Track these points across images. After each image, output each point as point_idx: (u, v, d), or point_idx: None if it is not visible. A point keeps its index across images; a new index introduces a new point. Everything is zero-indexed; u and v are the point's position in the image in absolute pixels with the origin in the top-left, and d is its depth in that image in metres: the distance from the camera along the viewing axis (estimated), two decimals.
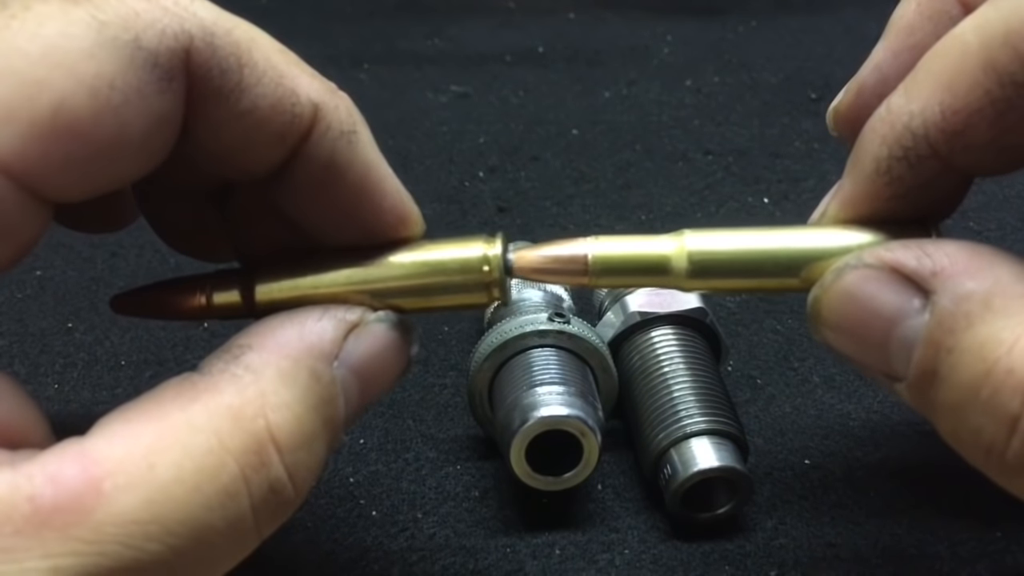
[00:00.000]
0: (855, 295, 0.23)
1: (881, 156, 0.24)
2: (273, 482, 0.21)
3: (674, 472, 0.31)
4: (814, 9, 0.81)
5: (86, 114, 0.20)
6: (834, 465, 0.35)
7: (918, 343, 0.22)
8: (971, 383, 0.21)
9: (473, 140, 0.61)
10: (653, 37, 0.77)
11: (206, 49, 0.21)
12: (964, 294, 0.21)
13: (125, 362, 0.41)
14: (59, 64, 0.19)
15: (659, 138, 0.61)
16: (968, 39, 0.23)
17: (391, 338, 0.25)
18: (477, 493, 0.34)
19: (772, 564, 0.31)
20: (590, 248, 0.25)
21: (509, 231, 0.53)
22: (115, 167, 0.21)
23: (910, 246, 0.23)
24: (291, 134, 0.23)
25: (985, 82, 0.22)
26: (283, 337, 0.23)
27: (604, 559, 0.31)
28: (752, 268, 0.25)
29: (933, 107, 0.23)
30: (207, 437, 0.21)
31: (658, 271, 0.25)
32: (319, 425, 0.23)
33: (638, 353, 0.35)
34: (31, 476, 0.19)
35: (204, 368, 0.22)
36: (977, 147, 0.23)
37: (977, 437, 0.21)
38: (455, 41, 0.78)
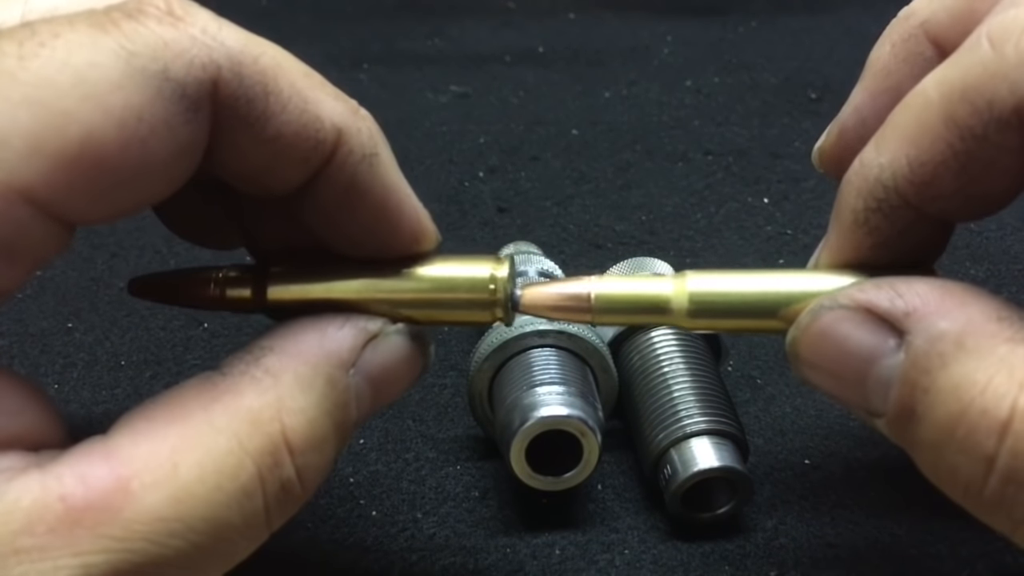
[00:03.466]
0: (830, 336, 0.24)
1: (858, 208, 0.25)
2: (285, 482, 0.22)
3: (674, 472, 0.31)
4: (814, 9, 0.81)
5: (113, 146, 0.20)
6: (834, 465, 0.35)
7: (894, 382, 0.22)
8: (947, 423, 0.21)
9: (473, 140, 0.61)
10: (653, 37, 0.77)
11: (233, 79, 0.21)
12: (937, 334, 0.22)
13: (125, 362, 0.41)
14: (88, 96, 0.19)
15: (659, 138, 0.61)
16: (930, 94, 0.24)
17: (408, 349, 0.26)
18: (477, 493, 0.34)
19: (772, 564, 0.31)
20: (593, 287, 0.26)
21: (509, 231, 0.53)
22: (138, 194, 0.21)
23: (882, 286, 0.23)
24: (314, 158, 0.23)
25: (947, 135, 0.23)
26: (304, 343, 0.24)
27: (604, 559, 0.31)
28: (752, 310, 0.26)
29: (900, 160, 0.24)
30: (227, 439, 0.21)
31: (658, 311, 0.26)
32: (331, 429, 0.23)
33: (638, 353, 0.35)
34: (60, 476, 0.20)
35: (225, 368, 0.23)
36: (946, 196, 0.24)
37: (955, 475, 0.22)
38: (455, 41, 0.78)
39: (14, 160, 0.19)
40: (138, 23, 0.20)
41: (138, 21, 0.20)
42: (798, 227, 0.51)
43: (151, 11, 0.21)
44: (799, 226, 0.51)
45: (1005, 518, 0.21)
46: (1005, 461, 0.20)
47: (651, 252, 0.48)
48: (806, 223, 0.52)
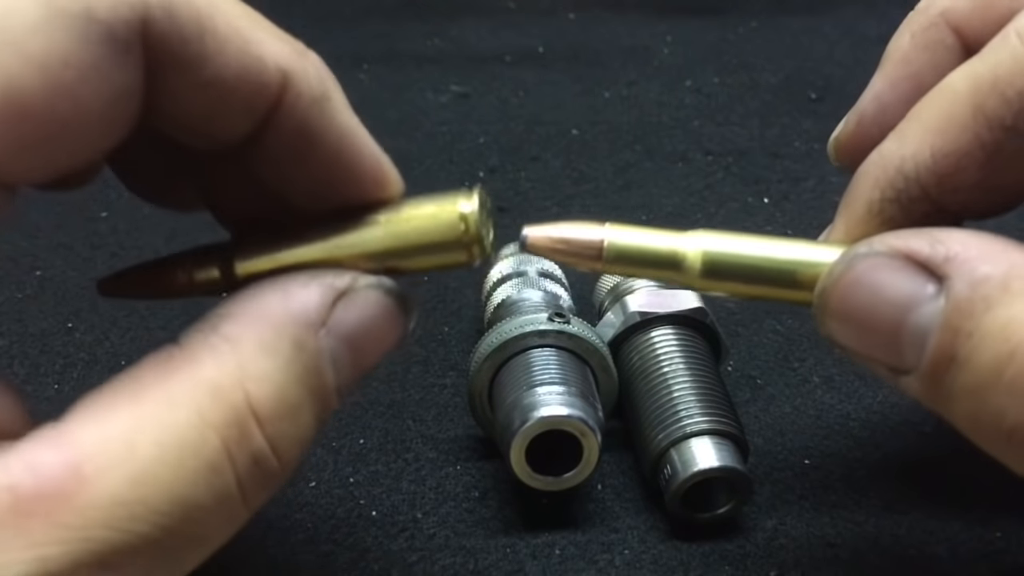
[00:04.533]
0: (866, 283, 0.23)
1: (873, 198, 0.25)
2: (256, 453, 0.21)
3: (674, 472, 0.31)
4: (814, 9, 0.81)
5: (38, 95, 0.18)
6: (834, 465, 0.35)
7: (934, 329, 0.22)
8: (994, 365, 0.21)
9: (473, 140, 0.61)
10: (653, 37, 0.77)
11: (164, 17, 0.20)
12: (981, 278, 0.21)
13: (125, 362, 0.40)
14: (4, 43, 0.18)
15: (659, 138, 0.61)
16: (958, 87, 0.24)
17: (384, 305, 0.24)
18: (477, 493, 0.34)
19: (772, 564, 0.31)
20: (606, 234, 0.26)
21: (509, 231, 0.53)
22: (74, 146, 0.20)
23: (921, 234, 0.23)
24: (259, 103, 0.22)
25: (974, 126, 0.23)
26: (265, 306, 0.22)
27: (604, 559, 0.31)
28: (763, 275, 0.25)
29: (924, 151, 0.24)
30: (187, 412, 0.20)
31: (671, 266, 0.25)
32: (303, 396, 0.22)
33: (638, 353, 0.35)
34: (8, 466, 0.19)
35: (183, 339, 0.22)
36: (966, 189, 0.24)
37: (999, 420, 0.21)
38: (455, 41, 0.78)
39: None
40: None
41: None
42: (798, 227, 0.51)
43: None
44: (799, 226, 0.51)
45: None
46: None
47: None
48: (806, 223, 0.52)
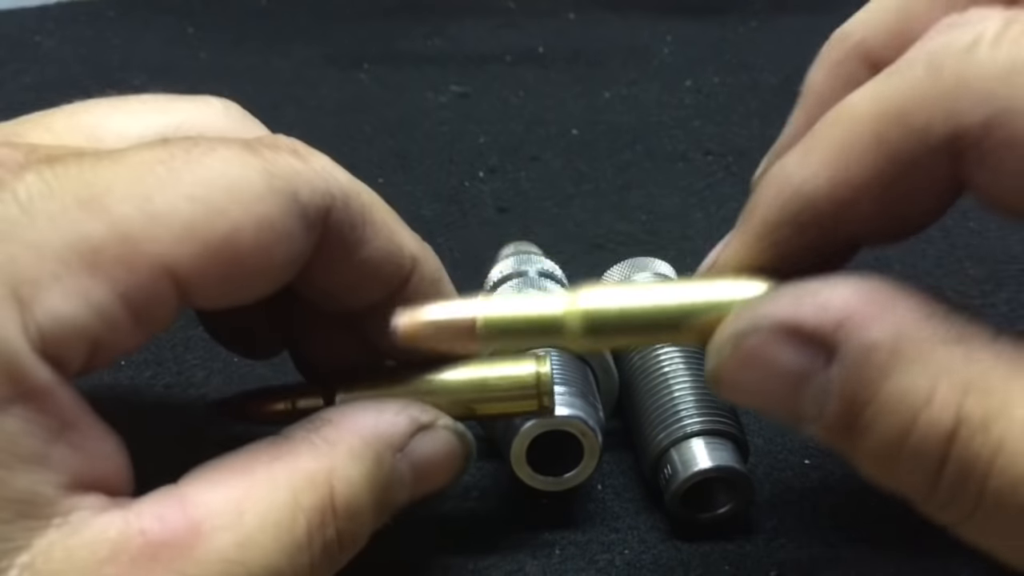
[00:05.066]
0: (756, 362, 0.23)
1: (770, 216, 0.25)
2: (328, 542, 0.24)
3: (674, 472, 0.31)
4: (814, 9, 0.81)
5: (249, 245, 0.23)
6: (834, 465, 0.35)
7: (831, 397, 0.22)
8: (896, 436, 0.21)
9: (473, 140, 0.61)
10: (653, 37, 0.77)
11: (342, 208, 0.25)
12: (870, 345, 0.21)
13: (125, 362, 0.41)
14: (237, 200, 0.22)
15: (659, 138, 0.61)
16: (861, 110, 0.23)
17: (452, 445, 0.28)
18: (477, 493, 0.34)
19: (772, 564, 0.31)
20: (479, 310, 0.26)
21: (509, 231, 0.53)
22: (250, 290, 0.24)
23: (803, 299, 0.22)
24: (394, 281, 0.27)
25: (875, 157, 0.22)
26: (361, 420, 0.26)
27: (604, 559, 0.31)
28: (646, 325, 0.25)
29: (822, 176, 0.23)
30: (286, 494, 0.23)
31: (551, 332, 0.25)
32: (370, 502, 0.25)
33: (638, 353, 0.35)
34: (140, 514, 0.22)
35: (287, 433, 0.26)
36: (863, 218, 0.23)
37: (903, 482, 0.22)
38: (455, 41, 0.78)
39: (169, 241, 0.22)
40: (275, 153, 0.24)
41: (275, 151, 0.24)
42: None
43: (283, 145, 0.25)
44: None
45: (949, 516, 0.22)
46: (953, 467, 0.21)
47: (651, 252, 0.48)
48: None
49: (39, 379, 0.20)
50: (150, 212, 0.21)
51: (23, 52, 0.78)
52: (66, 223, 0.21)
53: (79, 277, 0.21)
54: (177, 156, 0.23)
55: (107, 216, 0.21)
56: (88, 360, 0.22)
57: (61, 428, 0.21)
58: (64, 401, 0.21)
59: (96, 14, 0.87)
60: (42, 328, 0.20)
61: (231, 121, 0.29)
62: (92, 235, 0.21)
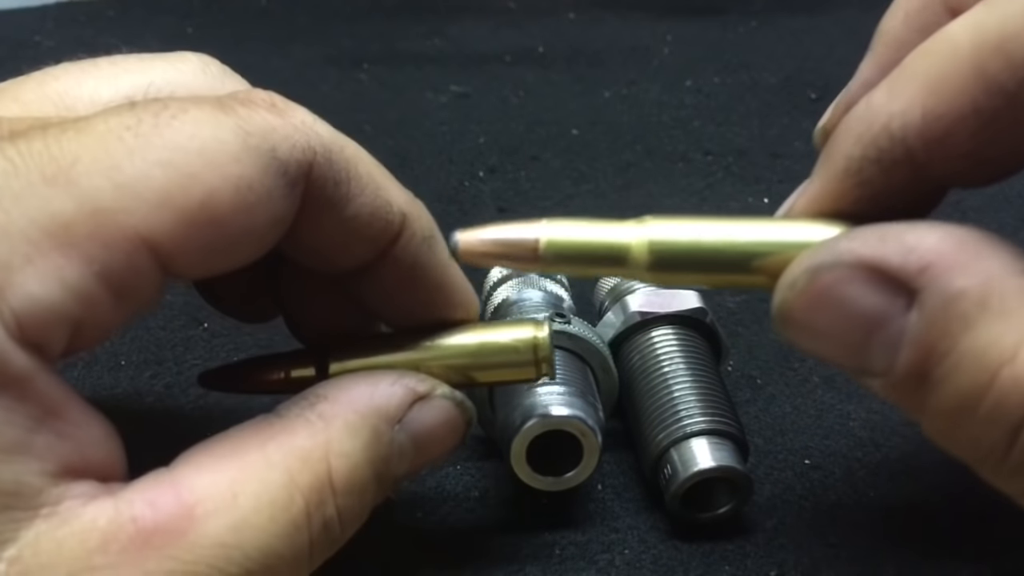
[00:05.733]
0: (832, 299, 0.22)
1: (854, 156, 0.23)
2: (327, 520, 0.23)
3: (674, 472, 0.31)
4: (814, 9, 0.81)
5: (227, 208, 0.22)
6: (834, 465, 0.35)
7: (905, 345, 0.21)
8: (971, 392, 0.20)
9: (473, 140, 0.61)
10: (653, 37, 0.77)
11: (324, 163, 0.24)
12: (956, 293, 0.20)
13: (125, 362, 0.41)
14: (211, 163, 0.22)
15: (659, 138, 0.61)
16: (959, 40, 0.22)
17: (452, 414, 0.27)
18: (477, 493, 0.34)
19: (772, 564, 0.31)
20: (543, 232, 0.25)
21: None
22: (233, 256, 0.23)
23: (888, 239, 0.21)
24: (383, 239, 0.26)
25: (972, 89, 0.21)
26: (355, 394, 0.25)
27: (604, 559, 0.31)
28: (717, 261, 0.24)
29: (915, 110, 0.22)
30: (281, 473, 0.23)
31: (615, 261, 0.24)
32: (371, 477, 0.25)
33: (638, 353, 0.35)
34: (131, 501, 0.21)
35: (281, 411, 0.25)
36: (956, 157, 0.22)
37: (974, 443, 0.20)
38: (455, 41, 0.78)
39: (144, 211, 0.21)
40: (250, 109, 0.23)
41: (250, 108, 0.23)
42: None
43: (259, 101, 0.23)
44: None
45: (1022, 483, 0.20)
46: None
47: None
48: None
49: (17, 366, 0.20)
50: (120, 182, 0.21)
51: (23, 52, 0.78)
52: (33, 202, 0.20)
53: (51, 257, 0.20)
54: (145, 121, 0.21)
55: (75, 190, 0.20)
56: (71, 342, 0.21)
57: (43, 415, 0.20)
58: (46, 387, 0.20)
59: (96, 14, 0.87)
60: (17, 313, 0.20)
61: (208, 78, 0.28)
62: (61, 212, 0.20)
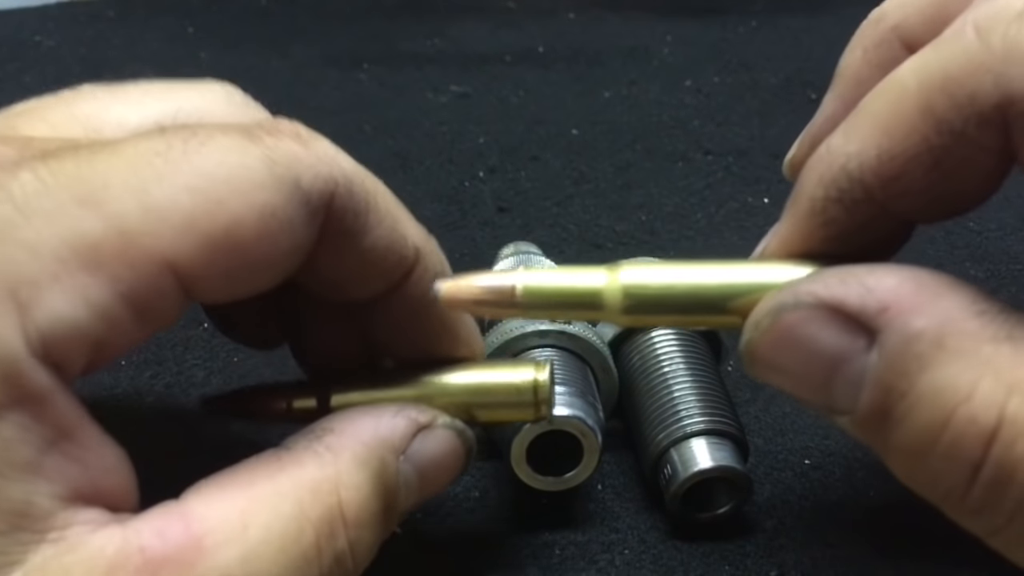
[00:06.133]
0: (795, 338, 0.22)
1: (817, 196, 0.24)
2: (339, 553, 0.23)
3: (674, 472, 0.31)
4: (814, 9, 0.81)
5: (251, 235, 0.22)
6: (834, 465, 0.35)
7: (866, 385, 0.21)
8: (930, 431, 0.20)
9: (473, 140, 0.61)
10: (653, 37, 0.77)
11: (345, 194, 0.24)
12: (913, 334, 0.20)
13: (125, 362, 0.41)
14: (237, 190, 0.22)
15: (659, 138, 0.61)
16: (907, 82, 0.22)
17: (454, 444, 0.27)
18: (477, 493, 0.34)
19: (772, 564, 0.31)
20: (519, 279, 0.25)
21: (509, 231, 0.53)
22: (253, 282, 0.23)
23: (849, 281, 0.22)
24: (397, 272, 0.26)
25: (922, 128, 0.22)
26: (361, 426, 0.26)
27: (604, 559, 0.31)
28: (688, 304, 0.24)
29: (870, 150, 0.23)
30: (291, 505, 0.23)
31: (591, 306, 0.25)
32: (380, 510, 0.25)
33: (638, 353, 0.35)
34: (139, 530, 0.21)
35: (289, 444, 0.25)
36: (914, 193, 0.23)
37: (935, 482, 0.21)
38: (455, 41, 0.78)
39: (170, 235, 0.21)
40: (276, 139, 0.23)
41: (276, 137, 0.23)
42: None
43: (284, 130, 0.24)
44: None
45: (985, 523, 0.21)
46: (991, 470, 0.20)
47: (651, 252, 0.48)
48: None
49: (37, 384, 0.20)
50: (149, 206, 0.21)
51: (23, 52, 0.78)
52: (63, 221, 0.20)
53: (78, 276, 0.20)
54: (175, 146, 0.22)
55: (105, 212, 0.21)
56: (90, 361, 0.21)
57: (57, 437, 0.20)
58: (63, 408, 0.20)
59: (96, 14, 0.87)
60: (42, 331, 0.20)
61: (232, 107, 0.29)
62: (90, 233, 0.20)
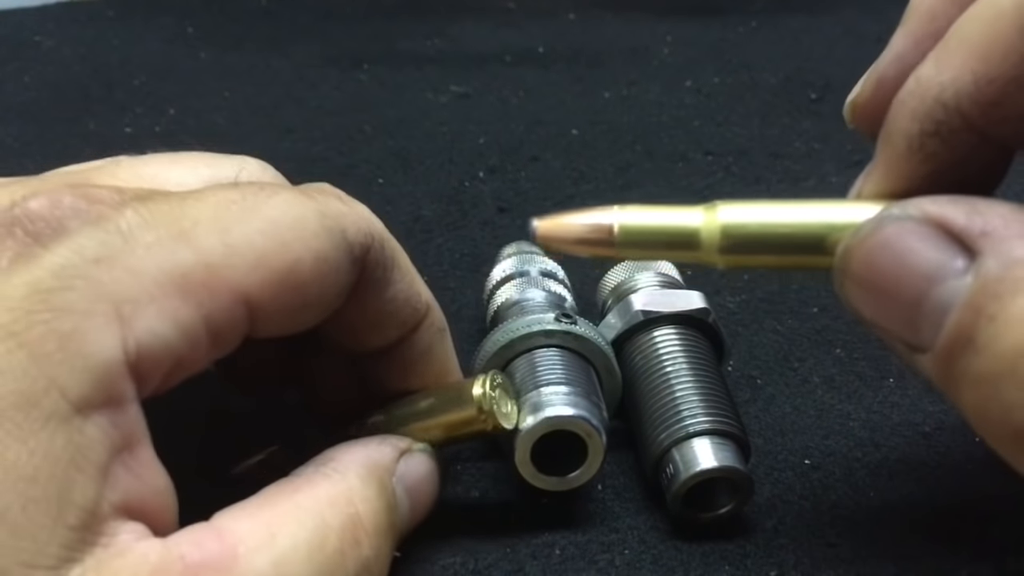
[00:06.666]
0: (893, 248, 0.22)
1: (912, 132, 0.23)
2: (364, 560, 0.25)
3: (675, 472, 0.31)
4: (814, 9, 0.81)
5: (308, 275, 0.25)
6: (834, 465, 0.35)
7: (955, 307, 0.21)
8: (1012, 354, 0.20)
9: (473, 140, 0.61)
10: (653, 37, 0.77)
11: (379, 249, 0.28)
12: (1016, 259, 0.20)
13: None
14: (299, 236, 0.25)
15: (659, 138, 0.61)
16: (1002, 3, 0.22)
17: (430, 466, 0.30)
18: (477, 493, 0.34)
19: (772, 564, 0.31)
20: (616, 218, 0.25)
21: (509, 231, 0.53)
22: (301, 320, 0.26)
23: (959, 202, 0.21)
24: (410, 323, 0.30)
25: (1021, 49, 0.21)
26: (356, 453, 0.28)
27: (604, 559, 0.31)
28: (786, 243, 0.24)
29: (965, 76, 0.22)
30: (313, 516, 0.25)
31: (688, 245, 0.25)
32: (389, 524, 0.27)
33: (640, 353, 0.35)
34: (178, 542, 0.23)
35: (298, 472, 0.27)
36: (1016, 119, 0.22)
37: (1008, 415, 0.20)
38: (455, 41, 0.78)
39: (245, 269, 0.24)
40: (325, 196, 0.27)
41: (325, 195, 0.27)
42: None
43: (329, 192, 0.28)
44: None
45: None
46: None
47: None
48: None
49: (123, 392, 0.22)
50: (229, 243, 0.24)
51: (23, 52, 0.78)
52: (161, 252, 0.23)
53: (172, 300, 0.23)
54: (248, 196, 0.25)
55: (194, 246, 0.23)
56: (165, 379, 0.23)
57: (124, 446, 0.22)
58: (134, 421, 0.23)
59: (96, 14, 0.87)
60: (140, 343, 0.22)
61: (269, 174, 0.33)
62: (182, 263, 0.23)
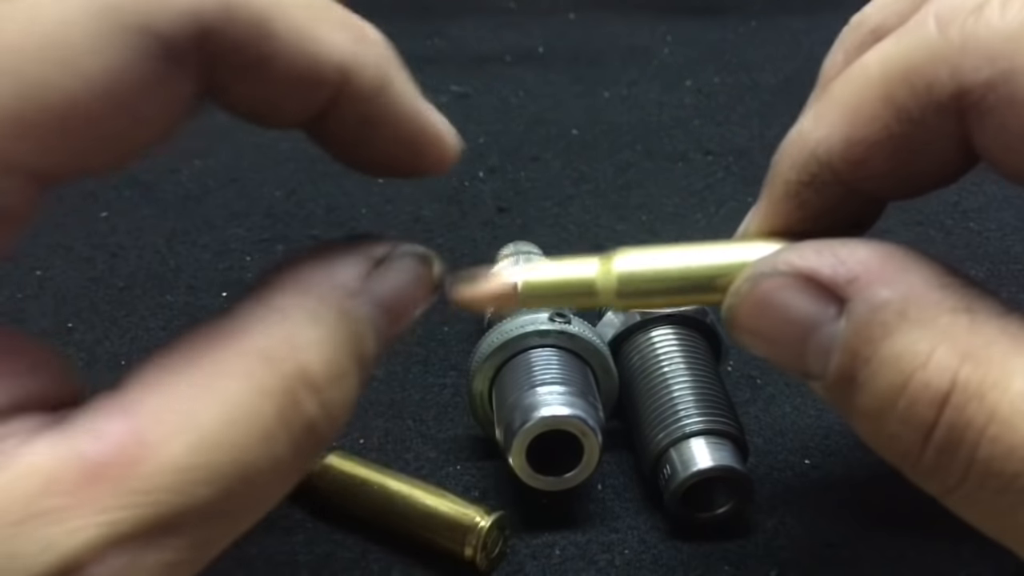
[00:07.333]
0: (770, 304, 0.24)
1: (791, 180, 0.25)
2: (308, 420, 0.21)
3: (674, 472, 0.31)
4: (814, 9, 0.81)
5: (97, 112, 0.19)
6: (834, 465, 0.35)
7: (835, 350, 0.22)
8: (888, 394, 0.21)
9: (473, 140, 0.61)
10: (653, 37, 0.77)
11: (221, 26, 0.20)
12: (879, 303, 0.22)
13: (125, 362, 0.41)
14: (62, 61, 0.18)
15: (659, 138, 0.61)
16: (871, 71, 0.23)
17: (417, 271, 0.25)
18: (477, 493, 0.34)
19: (772, 564, 0.31)
20: (520, 276, 0.27)
21: (509, 231, 0.53)
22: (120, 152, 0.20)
23: (823, 252, 0.23)
24: (317, 97, 0.23)
25: (884, 116, 0.23)
26: (309, 277, 0.23)
27: (604, 559, 0.31)
28: (677, 285, 0.26)
29: (835, 136, 0.24)
30: (241, 382, 0.21)
31: (587, 294, 0.26)
32: (350, 363, 0.22)
33: (638, 353, 0.35)
34: (75, 434, 0.19)
35: (233, 310, 0.22)
36: (878, 176, 0.24)
37: (894, 443, 0.22)
38: (455, 41, 0.78)
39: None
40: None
41: None
42: None
43: None
44: None
45: (938, 484, 0.22)
46: (943, 432, 0.21)
47: None
48: None
49: None
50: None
51: None
52: None
53: None
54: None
55: None
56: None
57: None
58: None
59: None
60: None
61: None
62: None
